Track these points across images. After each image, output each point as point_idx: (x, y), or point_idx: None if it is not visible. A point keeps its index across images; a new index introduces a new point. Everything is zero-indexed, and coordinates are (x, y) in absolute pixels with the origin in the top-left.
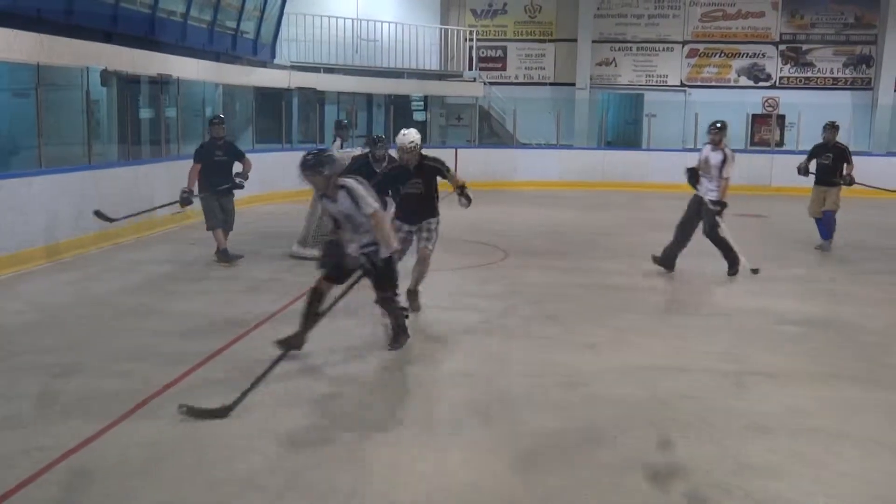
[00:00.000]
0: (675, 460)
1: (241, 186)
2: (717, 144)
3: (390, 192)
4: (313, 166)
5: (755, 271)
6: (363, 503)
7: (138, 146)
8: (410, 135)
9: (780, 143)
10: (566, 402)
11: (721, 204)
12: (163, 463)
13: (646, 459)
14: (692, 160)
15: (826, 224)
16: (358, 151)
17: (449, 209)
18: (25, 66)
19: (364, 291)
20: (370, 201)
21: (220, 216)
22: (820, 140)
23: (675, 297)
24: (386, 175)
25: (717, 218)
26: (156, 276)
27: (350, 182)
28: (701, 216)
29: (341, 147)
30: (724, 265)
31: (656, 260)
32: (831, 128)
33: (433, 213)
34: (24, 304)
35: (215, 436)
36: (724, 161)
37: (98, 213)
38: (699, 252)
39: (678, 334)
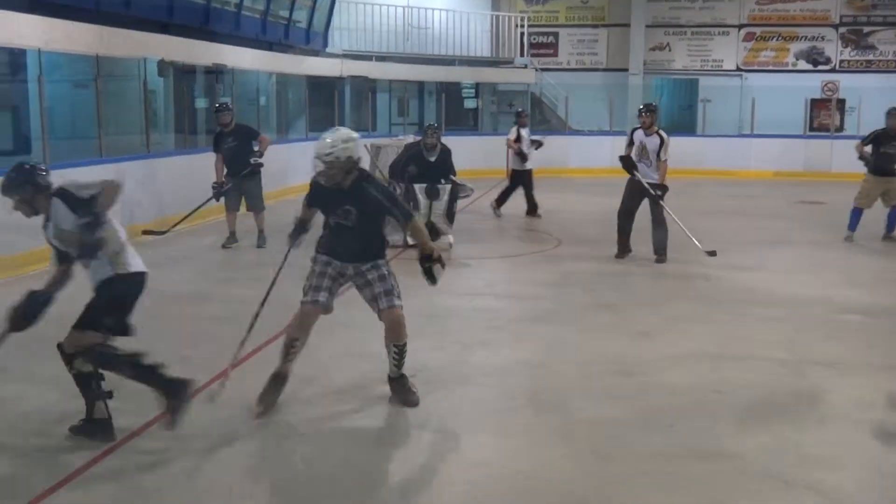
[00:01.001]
0: (733, 450)
1: (259, 166)
2: (648, 128)
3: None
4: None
5: (712, 254)
6: (416, 489)
7: (194, 135)
8: (327, 142)
9: (840, 128)
10: (621, 389)
11: (662, 188)
12: (218, 448)
13: (703, 448)
14: (748, 146)
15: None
16: (411, 139)
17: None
18: (85, 57)
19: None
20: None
21: (235, 201)
22: (882, 126)
23: (731, 285)
24: (397, 160)
25: (661, 203)
26: (211, 263)
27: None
28: (641, 200)
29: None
30: (782, 253)
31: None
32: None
33: (376, 253)
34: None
35: (269, 421)
36: (661, 144)
37: (147, 231)
38: (754, 241)
39: (734, 322)
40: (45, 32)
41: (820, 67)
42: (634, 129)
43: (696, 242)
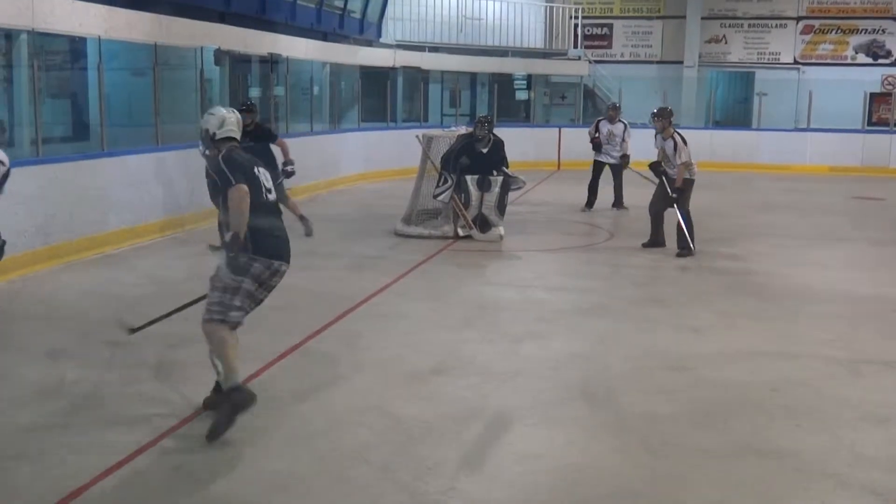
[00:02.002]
0: (788, 448)
1: (291, 174)
2: (663, 132)
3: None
4: None
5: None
6: (467, 479)
7: None
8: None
9: None
10: (672, 385)
11: (679, 191)
12: (274, 433)
13: (756, 446)
14: (804, 140)
15: None
16: (463, 130)
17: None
18: (143, 45)
19: None
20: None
21: None
22: None
23: (785, 281)
24: (449, 151)
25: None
26: None
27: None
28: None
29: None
30: (837, 249)
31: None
32: None
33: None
34: (140, 276)
35: (321, 408)
36: (675, 148)
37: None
38: (808, 237)
39: (788, 319)
40: (105, 21)
41: (880, 61)
42: (657, 135)
43: (690, 241)
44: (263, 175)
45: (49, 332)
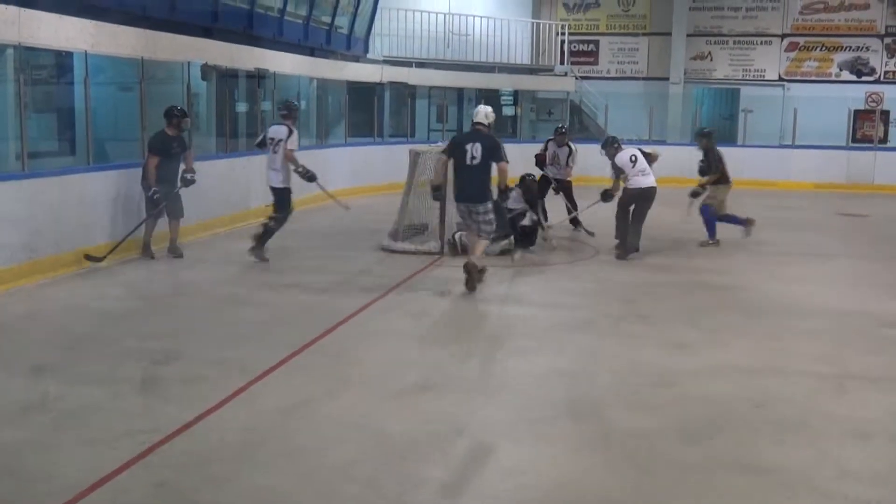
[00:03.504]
0: (773, 463)
1: (189, 182)
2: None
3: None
4: None
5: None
6: (452, 496)
7: (235, 139)
8: None
9: (884, 139)
10: (658, 401)
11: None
12: (259, 449)
13: (742, 461)
14: (789, 157)
15: None
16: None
17: None
18: (130, 60)
19: None
20: None
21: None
22: None
23: (770, 297)
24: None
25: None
26: (249, 265)
27: None
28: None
29: None
30: (823, 265)
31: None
32: None
33: None
34: (124, 290)
35: (307, 424)
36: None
37: (89, 257)
38: (793, 253)
39: (773, 335)
40: (92, 35)
41: (864, 78)
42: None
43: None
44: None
45: (34, 346)
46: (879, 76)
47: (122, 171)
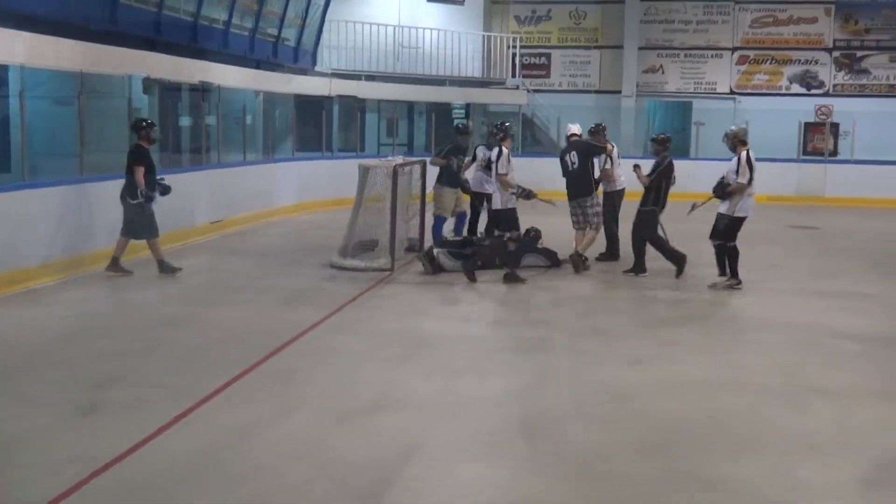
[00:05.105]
0: (728, 477)
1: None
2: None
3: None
4: None
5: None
6: None
7: (178, 154)
8: None
9: (835, 152)
10: (614, 417)
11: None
12: (208, 472)
13: (698, 475)
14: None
15: None
16: (400, 160)
17: None
18: (70, 73)
19: None
20: None
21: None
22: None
23: (725, 311)
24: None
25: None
26: (194, 285)
27: None
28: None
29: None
30: (776, 278)
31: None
32: None
33: None
34: (66, 311)
35: (259, 445)
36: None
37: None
38: (746, 266)
39: (728, 349)
40: (30, 48)
41: (813, 91)
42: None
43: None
44: None
45: None
46: (829, 89)
47: (61, 188)
